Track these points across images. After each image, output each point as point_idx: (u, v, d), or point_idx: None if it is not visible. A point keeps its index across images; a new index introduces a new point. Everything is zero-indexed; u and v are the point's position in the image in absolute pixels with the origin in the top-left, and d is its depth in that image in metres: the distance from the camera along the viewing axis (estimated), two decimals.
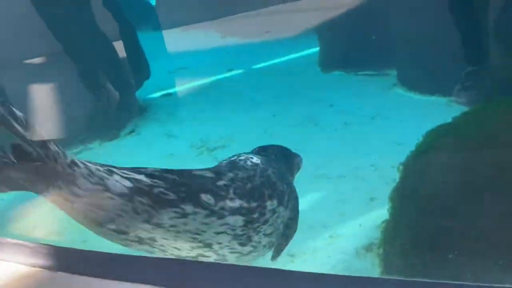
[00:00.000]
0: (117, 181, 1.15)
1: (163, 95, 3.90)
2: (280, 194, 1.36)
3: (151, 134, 3.25)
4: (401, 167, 1.55)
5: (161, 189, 1.17)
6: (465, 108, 2.48)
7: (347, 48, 3.83)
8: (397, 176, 2.15)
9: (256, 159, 1.43)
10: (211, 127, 3.18)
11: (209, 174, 1.31)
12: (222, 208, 1.21)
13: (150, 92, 3.89)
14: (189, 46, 4.73)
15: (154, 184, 1.18)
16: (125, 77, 3.58)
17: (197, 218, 1.17)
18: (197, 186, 1.23)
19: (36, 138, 1.07)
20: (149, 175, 1.21)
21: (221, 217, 1.20)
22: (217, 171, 1.34)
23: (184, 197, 1.17)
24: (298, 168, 1.69)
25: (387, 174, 2.21)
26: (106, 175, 1.15)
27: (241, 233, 1.24)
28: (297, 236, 1.54)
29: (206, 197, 1.20)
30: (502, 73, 2.28)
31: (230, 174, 1.32)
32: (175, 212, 1.15)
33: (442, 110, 2.82)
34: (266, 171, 1.38)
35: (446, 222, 1.20)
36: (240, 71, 4.12)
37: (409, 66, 3.26)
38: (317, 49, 4.04)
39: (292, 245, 1.56)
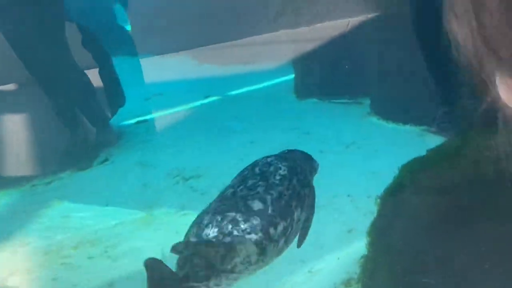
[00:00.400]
0: None
1: (138, 122, 3.85)
2: (302, 200, 1.51)
3: (125, 163, 3.19)
4: (378, 201, 1.56)
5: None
6: (440, 138, 2.54)
7: (322, 76, 3.90)
8: (373, 207, 2.17)
9: (283, 170, 1.52)
10: (187, 156, 3.15)
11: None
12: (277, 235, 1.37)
13: (125, 119, 3.84)
14: (165, 72, 4.73)
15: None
16: (99, 104, 3.52)
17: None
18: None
19: None
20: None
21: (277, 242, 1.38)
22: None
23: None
24: (316, 172, 1.86)
25: (364, 205, 2.23)
26: None
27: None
28: (275, 271, 1.52)
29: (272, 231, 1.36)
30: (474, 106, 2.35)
31: (269, 197, 1.42)
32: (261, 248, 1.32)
33: (416, 139, 2.88)
34: (292, 182, 1.50)
35: (424, 259, 1.20)
36: (216, 97, 4.12)
37: (383, 96, 3.33)
38: (292, 76, 4.10)
39: (271, 281, 1.53)
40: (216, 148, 3.20)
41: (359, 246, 1.85)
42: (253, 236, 1.30)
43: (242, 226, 1.31)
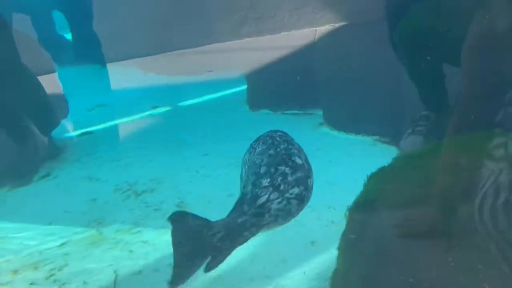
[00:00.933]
0: None
1: (82, 134, 3.64)
2: None
3: (69, 177, 2.97)
4: (347, 213, 1.55)
5: None
6: (393, 148, 2.61)
7: (273, 87, 3.91)
8: (334, 217, 2.17)
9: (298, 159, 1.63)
10: (137, 169, 2.99)
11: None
12: None
13: (68, 131, 3.61)
14: (110, 82, 4.52)
15: None
16: (38, 115, 3.27)
17: None
18: None
19: None
20: None
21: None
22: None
23: None
24: None
25: (325, 216, 2.22)
26: None
27: None
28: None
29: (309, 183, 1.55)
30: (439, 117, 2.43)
31: (303, 155, 1.61)
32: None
33: (369, 149, 2.94)
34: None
35: (395, 273, 1.19)
36: (166, 108, 3.99)
37: (335, 106, 3.38)
38: (245, 87, 4.07)
39: None
40: (168, 161, 3.07)
41: (324, 259, 1.82)
42: (297, 189, 1.47)
43: (289, 178, 1.46)
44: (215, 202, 2.46)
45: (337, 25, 4.46)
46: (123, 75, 4.81)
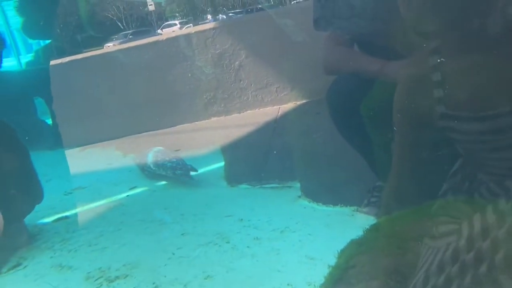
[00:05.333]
0: None
1: (57, 219, 3.54)
2: None
3: (40, 266, 2.85)
4: None
5: None
6: (371, 218, 2.59)
7: (251, 161, 3.94)
8: None
9: None
10: (111, 254, 2.89)
11: None
12: None
13: (42, 217, 3.52)
14: (88, 165, 4.51)
15: None
16: (11, 201, 3.20)
17: None
18: None
19: None
20: None
21: None
22: None
23: None
24: None
25: None
26: None
27: None
28: None
29: None
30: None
31: None
32: None
33: (347, 220, 2.91)
34: None
35: None
36: (143, 189, 3.96)
37: (312, 178, 3.40)
38: (222, 163, 4.09)
39: None
40: (144, 242, 2.98)
41: None
42: None
43: None
44: (191, 286, 2.35)
45: (299, 102, 4.71)
46: (102, 157, 4.83)
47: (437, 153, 1.52)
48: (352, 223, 2.89)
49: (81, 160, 4.83)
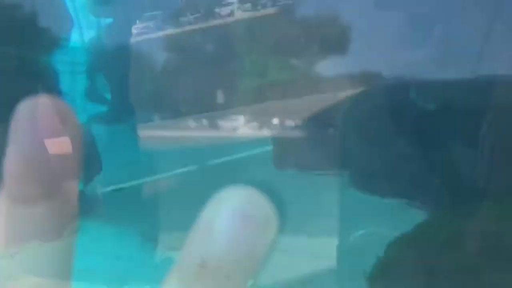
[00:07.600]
0: None
1: (115, 190, 3.73)
2: None
3: (99, 233, 3.04)
4: (367, 282, 1.50)
5: None
6: (425, 213, 2.54)
7: (300, 148, 3.96)
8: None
9: None
10: (166, 227, 3.03)
11: None
12: None
13: (101, 186, 3.72)
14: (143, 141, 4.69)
15: None
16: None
17: None
18: None
19: None
20: None
21: None
22: None
23: None
24: None
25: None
26: None
27: None
28: None
29: None
30: None
31: None
32: None
33: (397, 213, 2.88)
34: None
35: None
36: (195, 167, 4.08)
37: (362, 168, 3.37)
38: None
39: None
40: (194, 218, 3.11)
41: None
42: None
43: None
44: None
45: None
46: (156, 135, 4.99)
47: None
48: (403, 216, 2.85)
49: (138, 135, 5.02)
